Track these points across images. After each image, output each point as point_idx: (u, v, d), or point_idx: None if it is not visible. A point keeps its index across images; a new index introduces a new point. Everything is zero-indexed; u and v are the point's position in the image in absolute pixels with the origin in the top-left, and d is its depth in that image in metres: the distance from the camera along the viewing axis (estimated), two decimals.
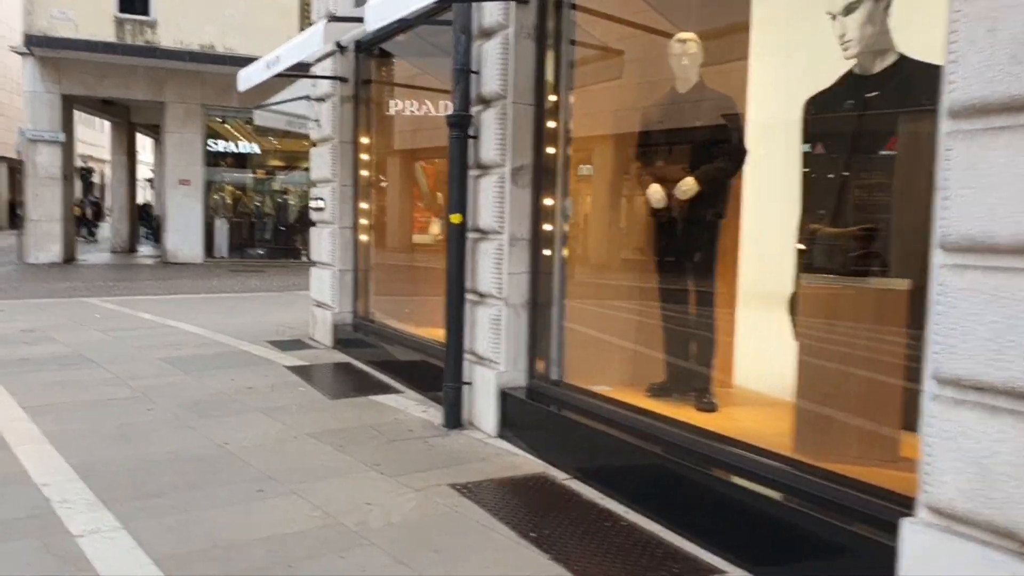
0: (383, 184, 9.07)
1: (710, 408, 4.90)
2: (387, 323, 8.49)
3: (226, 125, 23.81)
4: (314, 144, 9.44)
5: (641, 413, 4.70)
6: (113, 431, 5.65)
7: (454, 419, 5.84)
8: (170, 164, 22.22)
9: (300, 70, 9.04)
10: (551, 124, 5.56)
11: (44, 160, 20.63)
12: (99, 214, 38.86)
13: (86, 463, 4.92)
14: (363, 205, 8.84)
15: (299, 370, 7.83)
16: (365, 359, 8.23)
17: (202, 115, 22.46)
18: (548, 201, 5.58)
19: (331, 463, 5.07)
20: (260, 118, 10.86)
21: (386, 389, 7.12)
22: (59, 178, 20.87)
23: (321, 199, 9.04)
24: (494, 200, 5.64)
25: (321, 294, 9.24)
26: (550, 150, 5.57)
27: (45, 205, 20.78)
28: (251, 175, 24.48)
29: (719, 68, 5.37)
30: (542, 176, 5.58)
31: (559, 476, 4.84)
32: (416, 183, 9.03)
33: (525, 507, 4.35)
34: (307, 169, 25.57)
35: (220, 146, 23.46)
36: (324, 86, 8.93)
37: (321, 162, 9.08)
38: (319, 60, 8.95)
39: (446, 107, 7.77)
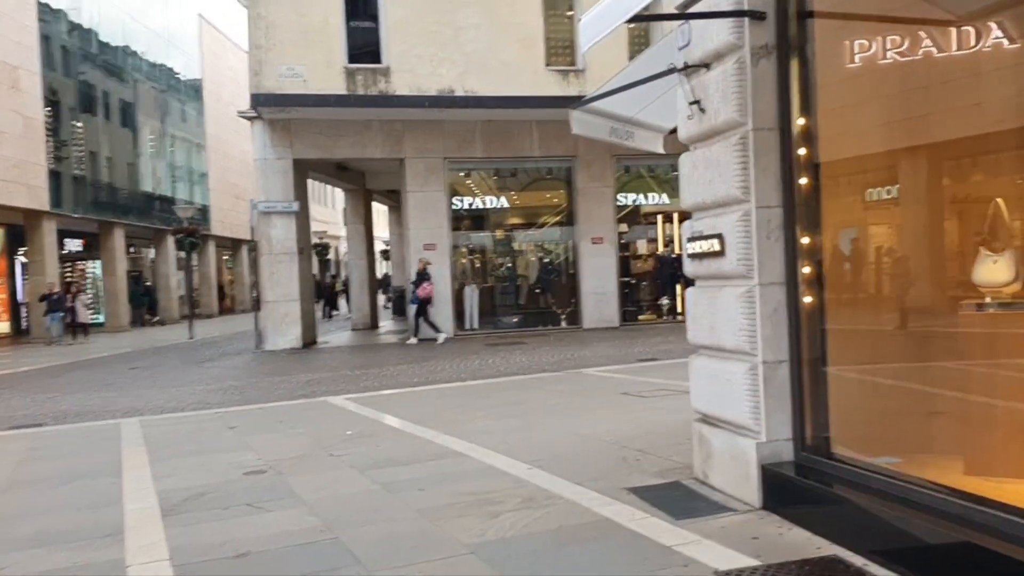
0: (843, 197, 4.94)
1: None
2: (895, 469, 4.32)
3: (468, 182, 20.86)
4: (688, 145, 5.52)
5: None
6: None
7: None
8: (412, 228, 19.42)
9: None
10: None
11: (279, 234, 18.38)
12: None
13: None
14: (804, 240, 4.78)
15: None
16: (859, 546, 4.08)
17: (444, 170, 19.59)
18: None
19: None
20: (579, 123, 7.03)
21: None
22: (294, 252, 18.55)
23: (714, 237, 5.06)
24: None
25: (722, 404, 5.20)
26: None
27: (282, 284, 18.47)
28: (499, 233, 21.28)
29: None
30: None
31: None
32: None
33: None
34: (559, 223, 22.42)
35: (465, 203, 20.47)
36: (715, 37, 5.01)
37: (711, 172, 5.13)
38: None
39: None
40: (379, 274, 34.70)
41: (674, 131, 8.00)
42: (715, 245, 5.07)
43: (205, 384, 14.04)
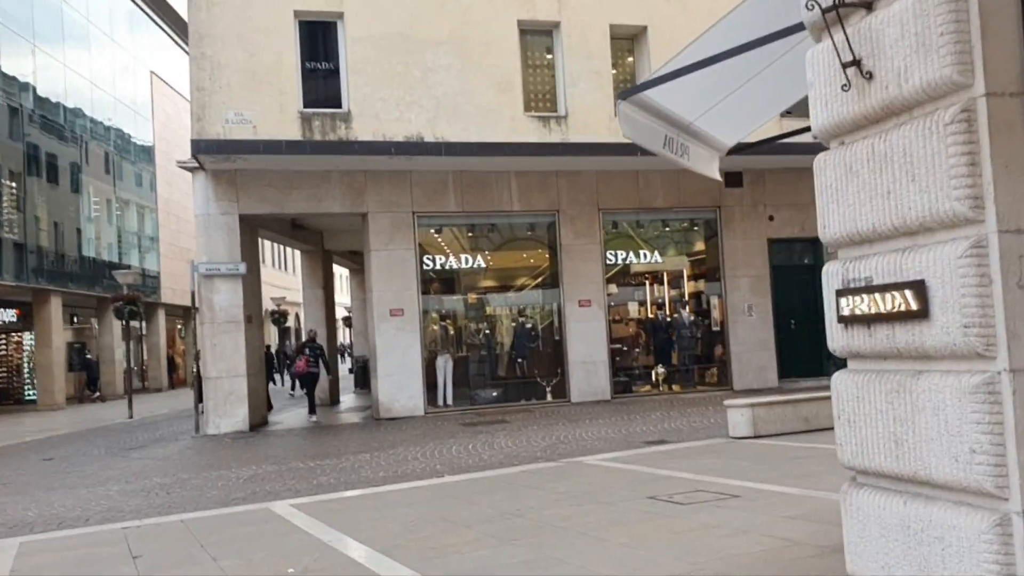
0: None
1: None
2: None
3: (440, 239, 18.70)
4: (829, 140, 3.40)
5: None
6: None
7: None
8: (377, 291, 17.16)
9: None
10: None
11: (223, 299, 16.00)
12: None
13: None
14: None
15: None
16: None
17: (413, 225, 17.44)
18: None
19: None
20: (629, 124, 4.78)
21: None
22: (241, 321, 16.17)
23: (903, 287, 2.92)
24: None
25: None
26: None
27: (226, 357, 16.03)
28: (473, 297, 19.07)
29: None
30: None
31: None
32: None
33: None
34: (542, 285, 20.26)
35: (436, 263, 18.26)
36: None
37: (888, 176, 3.02)
38: None
39: None
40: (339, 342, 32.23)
41: (733, 151, 5.95)
42: (907, 300, 2.92)
43: (125, 482, 11.54)
